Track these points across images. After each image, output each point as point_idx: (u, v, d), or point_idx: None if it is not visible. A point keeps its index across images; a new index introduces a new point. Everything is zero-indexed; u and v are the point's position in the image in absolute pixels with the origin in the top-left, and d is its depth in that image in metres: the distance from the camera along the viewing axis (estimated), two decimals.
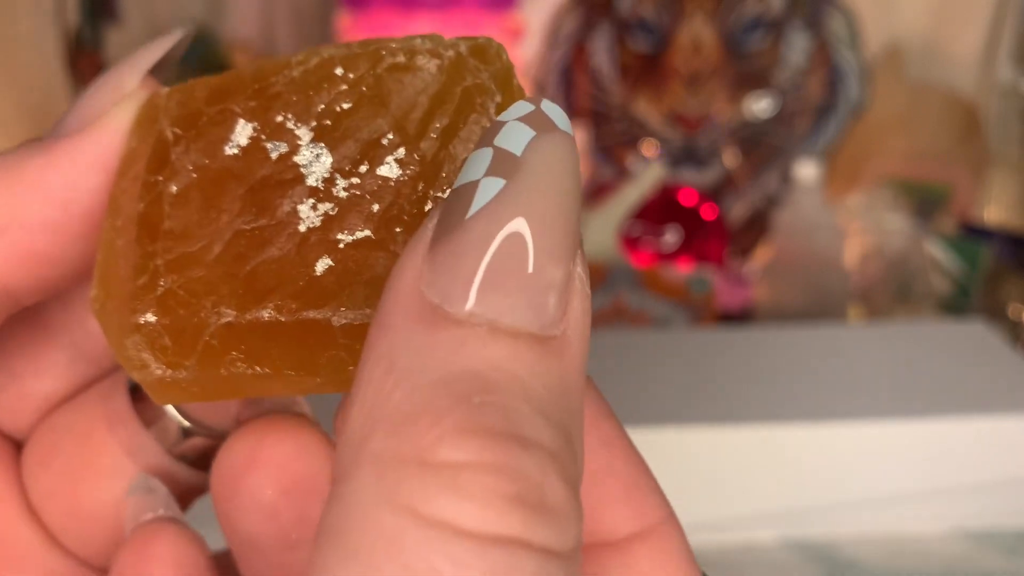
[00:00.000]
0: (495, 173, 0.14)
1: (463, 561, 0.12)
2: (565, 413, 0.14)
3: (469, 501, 0.13)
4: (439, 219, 0.14)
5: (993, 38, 1.02)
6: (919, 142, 1.01)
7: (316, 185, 0.16)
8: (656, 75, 0.98)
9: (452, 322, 0.13)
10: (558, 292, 0.14)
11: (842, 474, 0.53)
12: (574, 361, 0.14)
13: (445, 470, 0.13)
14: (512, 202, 0.14)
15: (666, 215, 0.86)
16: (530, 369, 0.13)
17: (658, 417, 0.53)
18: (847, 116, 1.00)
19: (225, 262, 0.16)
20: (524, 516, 0.13)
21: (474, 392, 0.13)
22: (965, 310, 0.81)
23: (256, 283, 0.16)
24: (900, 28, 1.02)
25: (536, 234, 0.13)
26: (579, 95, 1.02)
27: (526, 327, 0.14)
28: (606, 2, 0.99)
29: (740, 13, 0.96)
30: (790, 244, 0.76)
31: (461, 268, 0.13)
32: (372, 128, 0.16)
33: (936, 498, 0.54)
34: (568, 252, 0.14)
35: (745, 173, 0.95)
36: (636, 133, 1.00)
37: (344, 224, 0.16)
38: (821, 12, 0.98)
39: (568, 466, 0.13)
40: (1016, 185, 1.02)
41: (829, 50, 0.99)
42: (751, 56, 0.98)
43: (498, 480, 0.13)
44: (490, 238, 0.13)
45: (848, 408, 0.53)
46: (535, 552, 0.13)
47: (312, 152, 0.16)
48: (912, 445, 0.53)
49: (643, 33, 0.98)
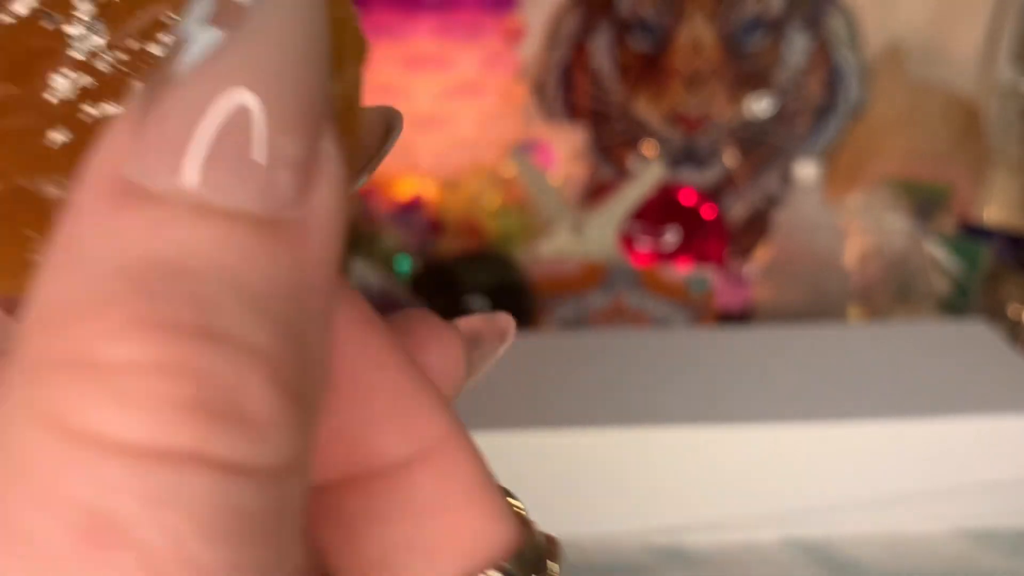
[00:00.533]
0: (215, 24, 0.12)
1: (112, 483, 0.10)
2: (295, 312, 0.12)
3: (129, 409, 0.10)
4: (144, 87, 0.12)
5: (993, 38, 1.02)
6: (919, 142, 1.01)
7: (82, 59, 0.15)
8: (656, 75, 0.99)
9: (150, 201, 0.11)
10: (292, 169, 0.11)
11: (842, 474, 0.53)
12: (315, 253, 0.12)
13: (104, 372, 0.11)
14: (234, 59, 0.11)
15: (666, 215, 0.86)
16: (246, 257, 0.11)
17: (657, 417, 0.53)
18: (847, 116, 1.00)
19: None
20: (203, 426, 0.11)
21: (160, 280, 0.11)
22: (965, 310, 0.80)
23: None
24: (900, 28, 1.02)
25: (265, 98, 0.11)
26: (579, 95, 1.02)
27: (245, 207, 0.11)
28: (606, 2, 0.99)
29: (740, 13, 0.97)
30: (790, 244, 0.76)
31: (166, 137, 0.11)
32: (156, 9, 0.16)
33: (936, 498, 0.54)
34: (308, 122, 0.12)
35: (745, 173, 0.95)
36: (636, 133, 1.00)
37: (97, 98, 0.15)
38: (821, 12, 0.98)
39: (289, 372, 0.11)
40: (1016, 185, 1.02)
41: (829, 50, 0.99)
42: (751, 56, 0.98)
43: (172, 383, 0.11)
44: (204, 101, 0.11)
45: (848, 408, 0.53)
46: (214, 469, 0.11)
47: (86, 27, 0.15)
48: (912, 445, 0.53)
49: (643, 33, 0.98)
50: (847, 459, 0.53)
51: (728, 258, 0.88)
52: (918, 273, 0.81)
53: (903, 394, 0.55)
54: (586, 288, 0.75)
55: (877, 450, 0.53)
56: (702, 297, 0.75)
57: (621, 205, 0.80)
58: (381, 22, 0.85)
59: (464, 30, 0.86)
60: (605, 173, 1.01)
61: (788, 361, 0.59)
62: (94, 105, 0.15)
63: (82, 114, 0.15)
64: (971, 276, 0.81)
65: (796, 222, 0.76)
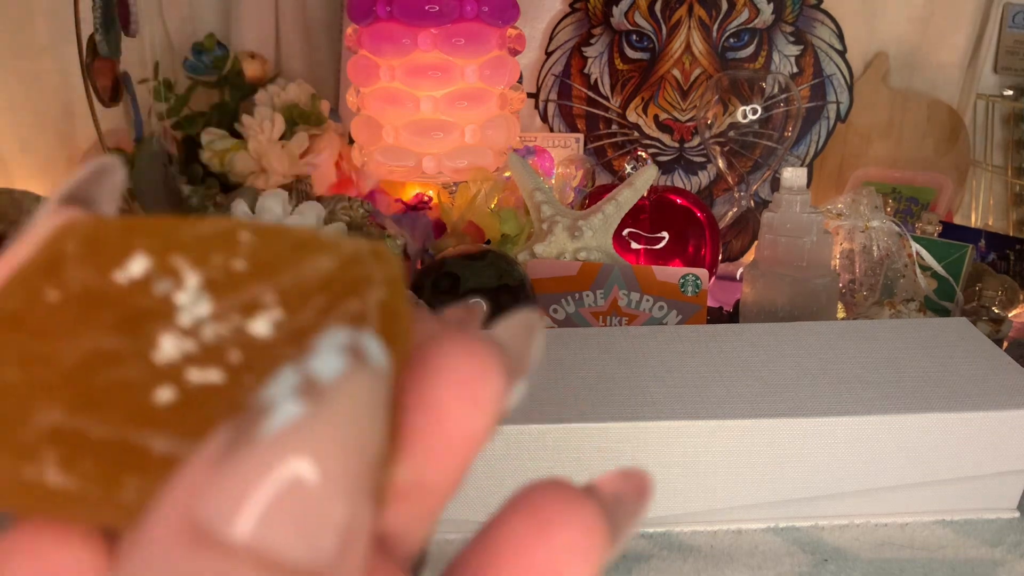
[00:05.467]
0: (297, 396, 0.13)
1: None
2: None
3: None
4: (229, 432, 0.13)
5: (975, 47, 1.03)
6: (904, 147, 1.02)
7: (186, 325, 0.17)
8: (650, 82, 1.00)
9: (217, 546, 0.12)
10: (339, 532, 0.13)
11: (828, 466, 0.53)
12: None
13: None
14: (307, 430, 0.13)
15: (659, 217, 0.86)
16: None
17: (651, 411, 0.53)
18: (834, 121, 1.01)
19: (74, 369, 0.16)
20: None
21: None
22: (949, 309, 0.81)
23: (95, 394, 0.16)
24: (885, 37, 1.03)
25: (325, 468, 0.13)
26: (575, 102, 1.03)
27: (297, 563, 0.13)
28: (602, 12, 1.01)
29: (730, 22, 0.97)
30: (778, 245, 0.76)
31: (238, 489, 0.12)
32: (256, 290, 0.17)
33: (920, 489, 0.55)
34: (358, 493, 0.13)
35: (735, 177, 0.96)
36: (630, 138, 1.01)
37: (198, 364, 0.16)
38: (809, 22, 0.99)
39: None
40: (998, 188, 1.02)
41: (816, 58, 1.00)
42: (741, 64, 0.99)
43: None
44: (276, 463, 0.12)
45: (835, 403, 0.53)
46: None
47: (194, 296, 0.17)
48: (897, 438, 0.53)
49: (637, 42, 0.99)
50: (833, 452, 0.53)
51: (718, 259, 0.89)
52: (903, 273, 0.81)
53: (889, 389, 0.55)
54: (582, 288, 0.75)
55: (863, 443, 0.53)
56: (694, 297, 0.75)
57: (616, 208, 0.80)
58: (386, 32, 0.86)
59: (466, 40, 0.86)
60: (601, 177, 1.03)
61: (777, 358, 0.58)
62: (197, 370, 0.16)
63: (185, 377, 0.16)
64: (954, 276, 0.82)
65: (784, 224, 0.76)
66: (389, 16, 0.85)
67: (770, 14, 0.98)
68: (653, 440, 0.52)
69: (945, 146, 1.01)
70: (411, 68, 0.87)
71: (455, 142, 0.90)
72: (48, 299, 0.17)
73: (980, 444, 0.54)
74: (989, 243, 0.90)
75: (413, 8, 0.85)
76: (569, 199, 0.93)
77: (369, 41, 0.87)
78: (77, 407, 0.16)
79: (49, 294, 0.17)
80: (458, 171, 0.90)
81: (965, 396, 0.54)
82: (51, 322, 0.17)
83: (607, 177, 1.02)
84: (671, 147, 0.99)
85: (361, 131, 0.92)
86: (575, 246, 0.79)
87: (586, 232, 0.78)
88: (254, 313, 0.17)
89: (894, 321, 0.64)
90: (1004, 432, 0.53)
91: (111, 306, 0.17)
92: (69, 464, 0.16)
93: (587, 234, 0.78)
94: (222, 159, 0.90)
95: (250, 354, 0.16)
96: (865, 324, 0.63)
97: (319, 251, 0.17)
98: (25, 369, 0.16)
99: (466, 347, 0.17)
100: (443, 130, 0.89)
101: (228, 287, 0.17)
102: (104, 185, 0.21)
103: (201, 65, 0.99)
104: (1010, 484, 0.55)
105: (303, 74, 1.06)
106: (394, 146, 0.90)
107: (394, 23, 0.85)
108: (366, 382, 0.14)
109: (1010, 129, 1.02)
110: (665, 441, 0.52)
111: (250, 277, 0.17)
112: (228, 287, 0.17)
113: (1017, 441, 0.53)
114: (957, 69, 1.02)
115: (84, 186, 0.20)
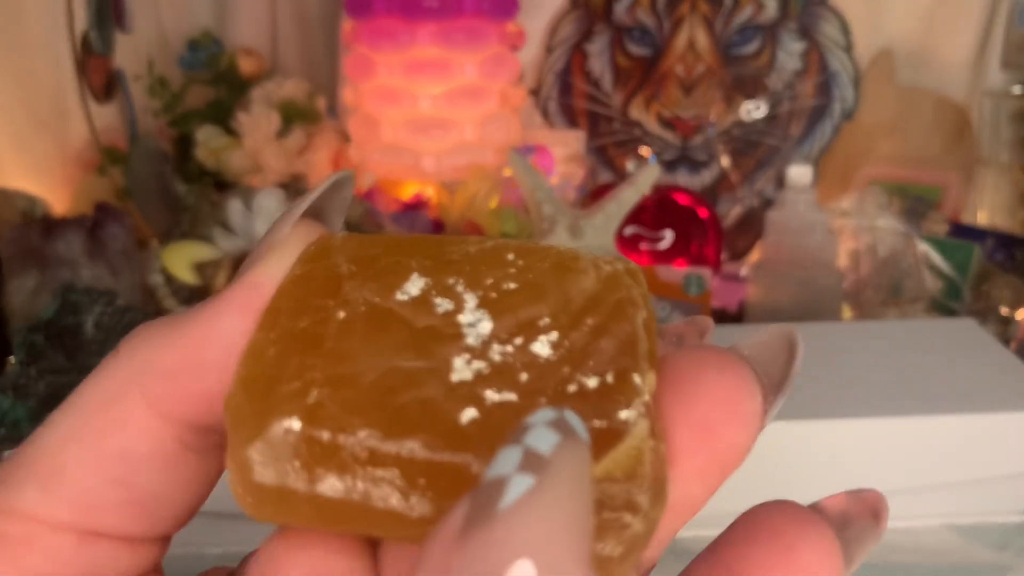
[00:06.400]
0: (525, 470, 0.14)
1: None
2: None
3: None
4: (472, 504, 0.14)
5: (983, 43, 1.02)
6: (910, 145, 1.01)
7: (473, 345, 0.17)
8: (652, 79, 0.99)
9: None
10: None
11: (834, 470, 0.53)
12: None
13: None
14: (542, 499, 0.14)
15: (662, 216, 0.86)
16: None
17: None
18: (839, 119, 1.00)
19: (377, 390, 0.17)
20: None
21: None
22: (956, 310, 0.80)
23: (404, 416, 0.17)
24: (891, 33, 1.02)
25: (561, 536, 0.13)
26: (577, 99, 1.03)
27: None
28: (604, 8, 1.00)
29: (734, 18, 0.97)
30: (783, 245, 0.76)
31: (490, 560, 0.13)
32: (531, 310, 0.18)
33: (927, 493, 0.54)
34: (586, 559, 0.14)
35: (739, 175, 0.96)
36: (633, 136, 1.01)
37: (492, 384, 0.17)
38: (814, 17, 0.99)
39: None
40: (1006, 186, 1.02)
41: (822, 54, 0.99)
42: (745, 60, 0.98)
43: None
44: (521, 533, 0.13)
45: (840, 405, 0.53)
46: None
47: (474, 316, 0.18)
48: (903, 441, 0.53)
49: (640, 38, 0.99)
50: (839, 455, 0.53)
51: (722, 259, 0.89)
52: (909, 273, 0.81)
53: (895, 391, 0.55)
54: None
55: (868, 446, 0.53)
56: (697, 297, 0.75)
57: (618, 207, 0.79)
58: (384, 27, 0.86)
59: (465, 37, 0.86)
60: (602, 175, 1.02)
61: None
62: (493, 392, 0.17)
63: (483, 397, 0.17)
64: (962, 276, 0.82)
65: (789, 223, 0.76)
66: (387, 11, 0.85)
67: (775, 10, 0.97)
68: None
69: (952, 144, 1.01)
70: (410, 64, 0.86)
71: (454, 140, 0.90)
72: (336, 318, 0.18)
73: (987, 447, 0.53)
74: (997, 243, 0.89)
75: (412, 3, 0.84)
76: (570, 198, 0.92)
77: (367, 36, 0.87)
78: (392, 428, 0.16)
79: (336, 314, 0.18)
80: (457, 169, 0.90)
81: (972, 398, 0.54)
82: (346, 342, 0.18)
83: (609, 175, 1.01)
84: (674, 145, 0.99)
85: (359, 129, 0.92)
86: (576, 245, 0.78)
87: (587, 231, 0.78)
88: (532, 333, 0.18)
89: (900, 322, 0.65)
90: (1012, 434, 0.53)
91: (398, 326, 0.18)
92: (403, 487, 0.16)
93: (588, 233, 0.78)
94: (217, 157, 0.89)
95: (537, 374, 0.17)
96: (870, 325, 0.64)
97: (579, 271, 0.18)
98: (335, 390, 0.17)
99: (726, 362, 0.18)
100: (442, 128, 0.89)
101: (504, 307, 0.18)
102: (336, 198, 0.21)
103: (196, 61, 0.98)
104: (1018, 487, 0.55)
105: (300, 70, 1.05)
106: (392, 144, 0.90)
107: (392, 18, 0.85)
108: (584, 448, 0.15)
109: (1018, 127, 1.01)
110: None
111: (522, 297, 0.18)
112: (504, 307, 0.18)
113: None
114: (964, 66, 1.02)
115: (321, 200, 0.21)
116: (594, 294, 0.18)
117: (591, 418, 0.17)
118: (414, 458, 0.16)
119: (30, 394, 0.62)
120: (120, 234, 0.73)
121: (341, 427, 0.16)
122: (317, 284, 0.18)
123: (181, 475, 0.20)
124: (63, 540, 0.19)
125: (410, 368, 0.17)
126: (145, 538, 0.20)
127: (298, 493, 0.17)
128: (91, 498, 0.19)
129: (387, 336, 0.17)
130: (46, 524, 0.19)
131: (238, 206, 0.75)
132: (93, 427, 0.19)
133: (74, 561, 0.19)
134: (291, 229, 0.20)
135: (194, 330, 0.19)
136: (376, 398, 0.17)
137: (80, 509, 0.19)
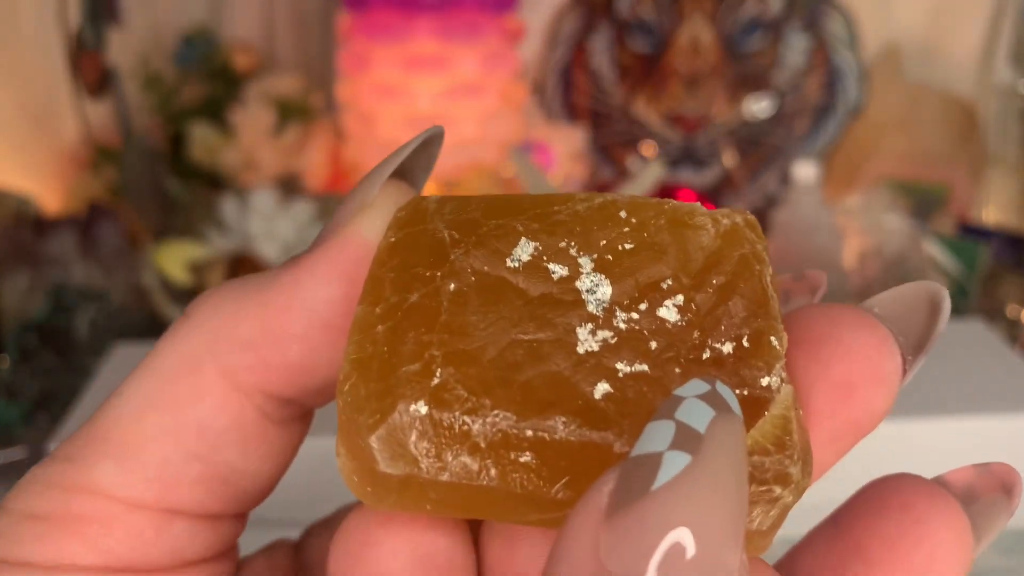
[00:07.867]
0: (679, 447, 0.13)
1: None
2: None
3: None
4: (618, 484, 0.13)
5: (991, 39, 1.02)
6: (917, 142, 1.01)
7: (595, 312, 0.16)
8: (655, 76, 0.99)
9: None
10: None
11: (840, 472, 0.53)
12: None
13: None
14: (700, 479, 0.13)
15: None
16: None
17: None
18: (845, 117, 1.00)
19: (500, 367, 0.16)
20: None
21: None
22: (963, 310, 0.80)
23: (534, 394, 0.16)
24: (898, 29, 1.02)
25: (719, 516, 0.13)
26: (579, 95, 1.02)
27: None
28: (606, 3, 0.99)
29: (739, 14, 0.96)
30: (789, 244, 0.75)
31: (644, 542, 0.13)
32: (652, 272, 0.17)
33: None
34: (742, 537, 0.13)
35: (744, 173, 0.95)
36: (635, 133, 1.00)
37: (622, 355, 0.16)
38: (819, 13, 0.98)
39: None
40: (1014, 185, 1.02)
41: (827, 51, 0.99)
42: (750, 57, 0.98)
43: None
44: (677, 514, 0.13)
45: None
46: None
47: (593, 281, 0.17)
48: (910, 444, 0.52)
49: (642, 34, 0.98)
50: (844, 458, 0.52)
51: None
52: (916, 273, 0.80)
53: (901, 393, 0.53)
54: None
55: (874, 449, 0.52)
56: None
57: None
58: (381, 22, 0.85)
59: (464, 31, 0.85)
60: (605, 173, 1.01)
61: None
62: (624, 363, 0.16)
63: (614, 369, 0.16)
64: (969, 276, 0.81)
65: (795, 222, 0.75)
66: (385, 5, 0.85)
67: (780, 6, 0.97)
68: None
69: (960, 140, 1.00)
70: (407, 59, 0.86)
71: (454, 137, 0.89)
72: (447, 290, 0.17)
73: (994, 449, 0.53)
74: (1005, 242, 0.89)
75: None
76: None
77: (364, 30, 0.86)
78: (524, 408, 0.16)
79: (446, 285, 0.17)
80: (457, 167, 0.89)
81: (979, 399, 0.54)
82: (461, 316, 0.17)
83: (611, 173, 1.01)
84: (677, 142, 0.98)
85: (355, 125, 0.91)
86: None
87: None
88: (657, 297, 0.17)
89: None
90: (1019, 437, 0.53)
91: (512, 295, 0.17)
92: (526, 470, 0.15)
93: None
94: (212, 154, 0.89)
95: (666, 342, 0.16)
96: None
97: (697, 227, 0.17)
98: (458, 369, 0.16)
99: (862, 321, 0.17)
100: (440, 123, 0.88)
101: (622, 270, 0.17)
102: (423, 156, 0.21)
103: (191, 57, 0.98)
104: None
105: (296, 66, 1.05)
106: (390, 141, 0.89)
107: (390, 11, 0.85)
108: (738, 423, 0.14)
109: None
110: None
111: (641, 258, 0.17)
112: (622, 270, 0.17)
113: None
114: (972, 62, 1.02)
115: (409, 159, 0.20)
116: (715, 251, 0.17)
117: (732, 387, 0.16)
118: (552, 439, 0.15)
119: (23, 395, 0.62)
120: (113, 233, 0.73)
121: (471, 409, 0.16)
122: (420, 252, 0.17)
123: (261, 448, 0.19)
124: (143, 519, 0.18)
125: (531, 341, 0.16)
126: (225, 515, 0.19)
127: (426, 481, 0.16)
128: (171, 474, 0.18)
129: (502, 307, 0.17)
130: (124, 502, 0.18)
131: (233, 204, 0.75)
132: (170, 398, 0.18)
133: (155, 542, 0.18)
134: (380, 190, 0.19)
135: (275, 297, 0.18)
136: (500, 375, 0.16)
137: (160, 486, 0.18)
